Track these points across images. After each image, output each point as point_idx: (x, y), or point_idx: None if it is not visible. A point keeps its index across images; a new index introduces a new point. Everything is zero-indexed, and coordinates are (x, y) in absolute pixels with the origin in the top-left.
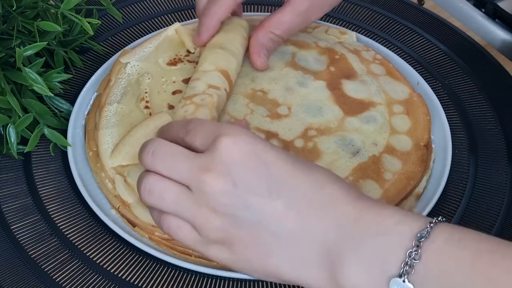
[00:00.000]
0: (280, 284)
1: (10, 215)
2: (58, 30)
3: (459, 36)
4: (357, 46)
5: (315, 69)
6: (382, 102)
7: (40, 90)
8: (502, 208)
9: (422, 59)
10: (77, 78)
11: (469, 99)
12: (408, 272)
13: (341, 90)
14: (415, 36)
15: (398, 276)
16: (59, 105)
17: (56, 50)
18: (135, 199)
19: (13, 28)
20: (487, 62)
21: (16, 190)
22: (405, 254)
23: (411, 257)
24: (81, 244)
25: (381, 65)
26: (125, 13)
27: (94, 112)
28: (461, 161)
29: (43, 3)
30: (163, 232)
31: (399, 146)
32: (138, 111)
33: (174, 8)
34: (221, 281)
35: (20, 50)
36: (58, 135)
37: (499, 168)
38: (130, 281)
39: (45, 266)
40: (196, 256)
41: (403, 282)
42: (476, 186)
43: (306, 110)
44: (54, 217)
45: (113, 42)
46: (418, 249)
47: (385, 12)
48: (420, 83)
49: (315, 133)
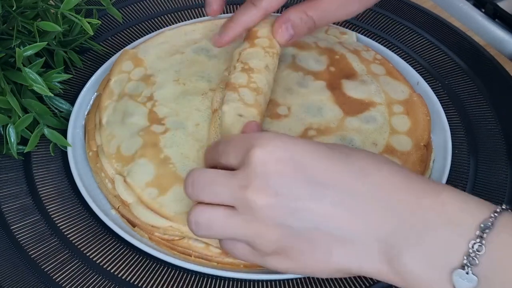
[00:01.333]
0: (280, 284)
1: (10, 215)
2: (58, 30)
3: (459, 36)
4: (357, 46)
5: (315, 69)
6: (382, 102)
7: (40, 90)
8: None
9: (422, 59)
10: (77, 78)
11: (469, 99)
12: (471, 263)
13: (341, 90)
14: (415, 36)
15: (460, 267)
16: (59, 105)
17: (56, 50)
18: (134, 199)
19: (13, 28)
20: (487, 62)
21: (16, 190)
22: (468, 245)
23: (474, 249)
24: (81, 244)
25: (381, 65)
26: (125, 13)
27: (94, 112)
28: (461, 161)
29: (43, 3)
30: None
31: (399, 146)
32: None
33: (174, 8)
34: (221, 281)
35: (20, 50)
36: (58, 135)
37: (499, 168)
38: (130, 281)
39: (45, 266)
40: (196, 256)
41: (466, 274)
42: (476, 186)
43: (306, 110)
44: (54, 217)
45: (113, 42)
46: (482, 241)
47: (385, 12)
48: (420, 83)
49: (315, 133)
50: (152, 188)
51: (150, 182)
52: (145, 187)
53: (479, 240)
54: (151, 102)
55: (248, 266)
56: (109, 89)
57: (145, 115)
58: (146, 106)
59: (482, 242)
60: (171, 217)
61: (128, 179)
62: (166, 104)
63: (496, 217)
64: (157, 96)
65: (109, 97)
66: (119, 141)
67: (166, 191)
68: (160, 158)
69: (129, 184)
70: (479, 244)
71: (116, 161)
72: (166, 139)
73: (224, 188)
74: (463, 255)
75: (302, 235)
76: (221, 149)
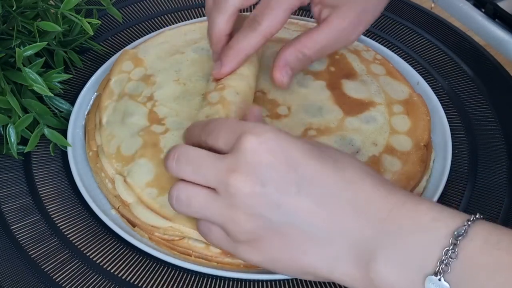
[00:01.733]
0: (280, 284)
1: (10, 215)
2: (58, 30)
3: (459, 36)
4: (357, 46)
5: (315, 69)
6: (382, 102)
7: (40, 90)
8: (502, 208)
9: (422, 59)
10: (77, 78)
11: (469, 99)
12: (444, 270)
13: (341, 90)
14: (415, 36)
15: (433, 274)
16: (59, 105)
17: (56, 50)
18: (134, 199)
19: (13, 28)
20: (487, 62)
21: (16, 190)
22: (442, 251)
23: (448, 255)
24: (81, 244)
25: (381, 65)
26: (125, 13)
27: (94, 112)
28: (461, 161)
29: (43, 3)
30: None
31: (399, 146)
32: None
33: (174, 8)
34: (221, 281)
35: (20, 50)
36: (58, 135)
37: (499, 168)
38: (130, 281)
39: (45, 266)
40: (196, 256)
41: (438, 281)
42: (476, 186)
43: (306, 110)
44: (54, 217)
45: (113, 42)
46: (455, 247)
47: (385, 12)
48: (420, 83)
49: (315, 133)
50: (152, 188)
51: (150, 182)
52: (145, 187)
53: (453, 247)
54: (151, 102)
55: (248, 266)
56: (109, 89)
57: (145, 115)
58: (146, 106)
59: (455, 249)
60: (171, 217)
61: (128, 179)
62: (166, 104)
63: (470, 225)
64: (157, 96)
65: (109, 97)
66: (119, 141)
67: (166, 191)
68: (160, 158)
69: (129, 184)
70: (452, 251)
71: (116, 161)
72: (166, 139)
73: (209, 170)
74: (436, 262)
75: (279, 229)
76: (212, 128)
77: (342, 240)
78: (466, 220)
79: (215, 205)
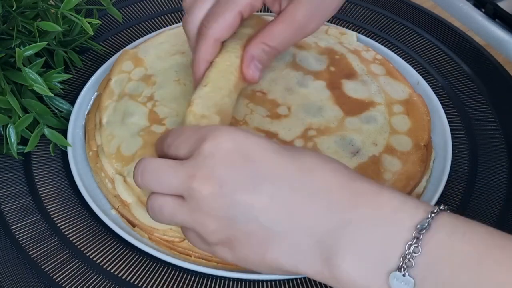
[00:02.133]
0: (280, 284)
1: (10, 215)
2: (58, 30)
3: (459, 36)
4: (357, 46)
5: (315, 69)
6: (382, 102)
7: (40, 90)
8: (501, 208)
9: (422, 59)
10: (77, 78)
11: (469, 99)
12: (408, 265)
13: (341, 90)
14: (415, 36)
15: (397, 269)
16: (59, 105)
17: (56, 50)
18: (134, 199)
19: (13, 28)
20: (487, 62)
21: (16, 190)
22: (405, 246)
23: (411, 250)
24: (81, 244)
25: (381, 65)
26: (125, 13)
27: (94, 112)
28: (461, 161)
29: (43, 3)
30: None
31: (399, 146)
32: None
33: (174, 8)
34: (221, 281)
35: (20, 50)
36: (58, 135)
37: (499, 168)
38: (130, 281)
39: (45, 266)
40: (196, 256)
41: (403, 276)
42: (476, 186)
43: (306, 110)
44: (54, 217)
45: (113, 42)
46: (419, 242)
47: (385, 12)
48: (420, 83)
49: (315, 133)
50: None
51: None
52: None
53: (415, 241)
54: (152, 102)
55: None
56: (109, 89)
57: (145, 115)
58: (146, 106)
59: (418, 243)
60: None
61: (128, 179)
62: (167, 104)
63: (433, 218)
64: (157, 96)
65: (109, 97)
66: (119, 141)
67: None
68: None
69: (129, 184)
70: (415, 245)
71: (116, 161)
72: None
73: (172, 178)
74: (399, 257)
75: (242, 227)
76: (170, 142)
77: (301, 233)
78: (430, 212)
79: (183, 211)
